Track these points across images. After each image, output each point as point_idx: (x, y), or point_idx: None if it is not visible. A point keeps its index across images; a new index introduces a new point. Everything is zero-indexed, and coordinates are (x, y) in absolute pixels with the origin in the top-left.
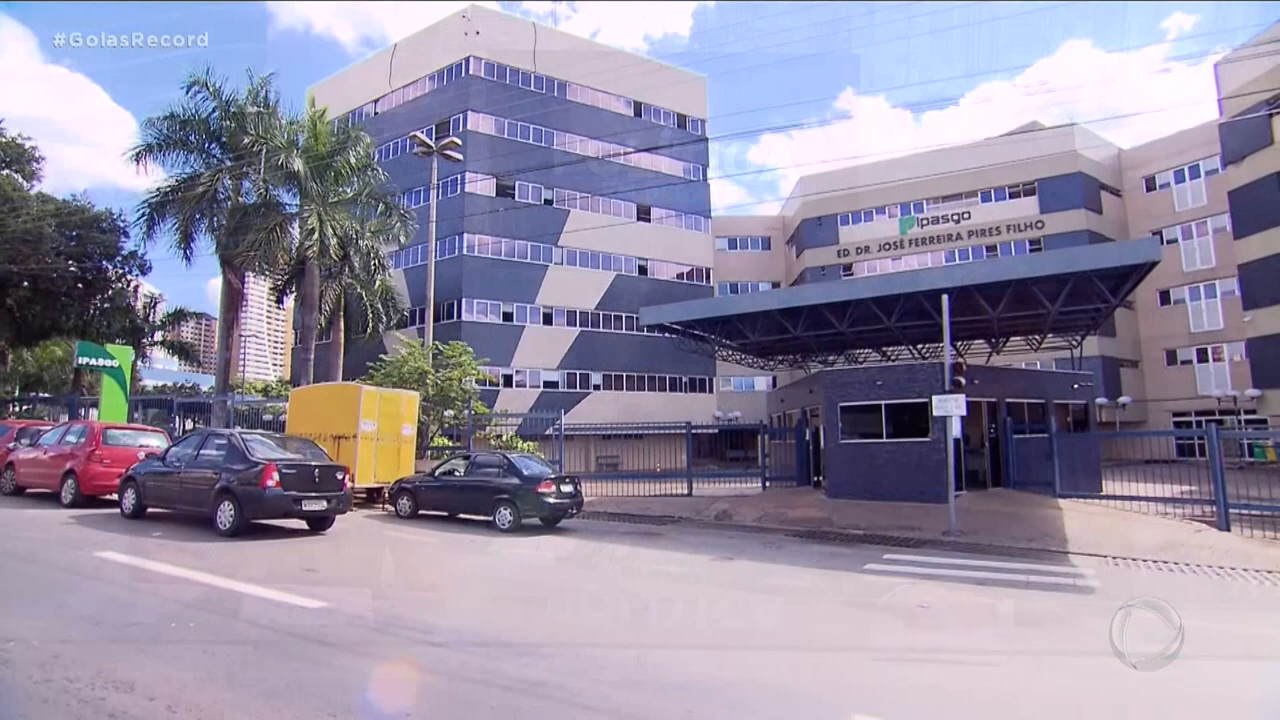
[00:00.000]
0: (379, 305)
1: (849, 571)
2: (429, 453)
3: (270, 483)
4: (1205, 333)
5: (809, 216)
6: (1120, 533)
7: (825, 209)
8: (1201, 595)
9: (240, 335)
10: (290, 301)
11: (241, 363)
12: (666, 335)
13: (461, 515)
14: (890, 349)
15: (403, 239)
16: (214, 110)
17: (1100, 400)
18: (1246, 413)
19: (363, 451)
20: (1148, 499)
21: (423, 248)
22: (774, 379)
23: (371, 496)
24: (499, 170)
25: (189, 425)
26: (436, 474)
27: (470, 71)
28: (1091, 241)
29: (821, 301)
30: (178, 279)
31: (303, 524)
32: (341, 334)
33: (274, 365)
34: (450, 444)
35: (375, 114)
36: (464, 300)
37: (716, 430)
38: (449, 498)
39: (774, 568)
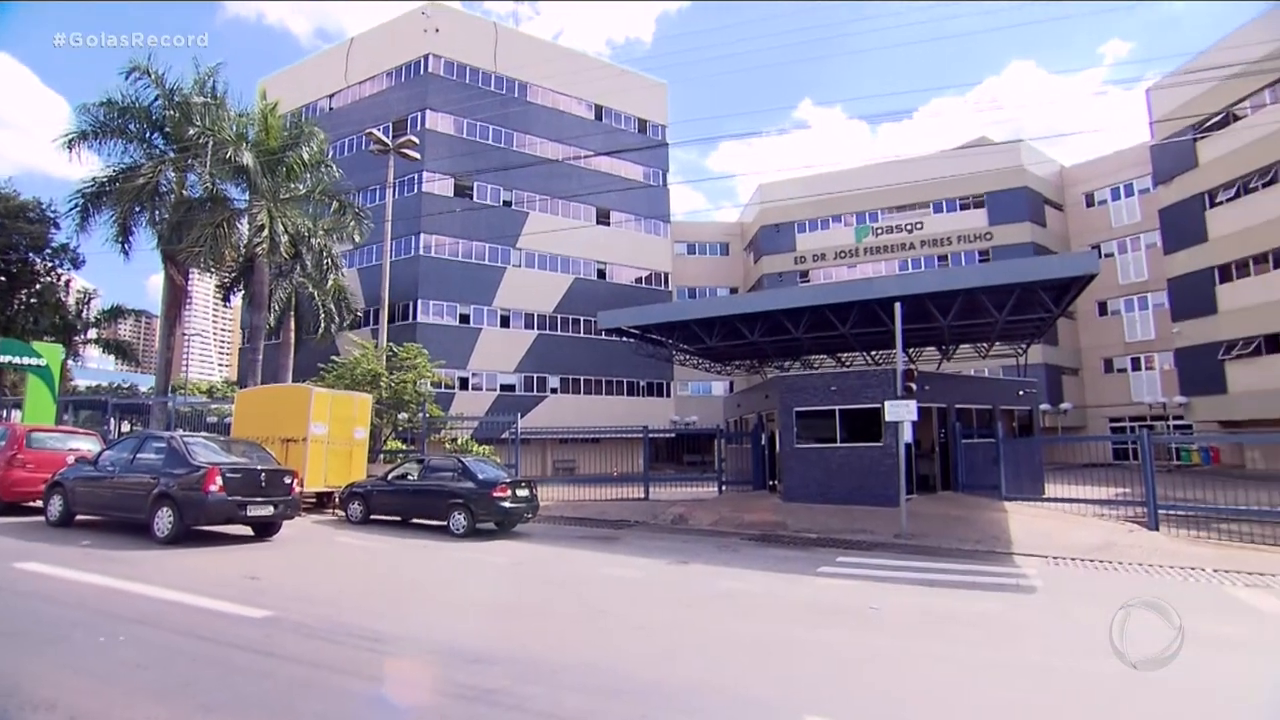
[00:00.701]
0: (331, 305)
1: (802, 574)
2: (382, 456)
3: (213, 487)
4: (1139, 342)
5: (767, 223)
6: (1060, 534)
7: (783, 216)
8: (1132, 593)
9: (184, 334)
10: (238, 300)
11: (185, 363)
12: (624, 339)
13: (415, 520)
14: (845, 355)
15: (357, 238)
16: (156, 98)
17: (1044, 406)
18: (1175, 418)
19: (313, 455)
20: (1086, 501)
21: (378, 247)
22: (731, 384)
23: (322, 501)
24: (458, 170)
25: (126, 428)
26: (389, 478)
27: (429, 69)
28: (1036, 253)
29: (778, 307)
30: (115, 274)
31: (248, 530)
32: (292, 334)
33: (220, 366)
34: (404, 447)
35: (330, 109)
36: (420, 301)
37: (674, 434)
38: (402, 502)
39: (729, 571)
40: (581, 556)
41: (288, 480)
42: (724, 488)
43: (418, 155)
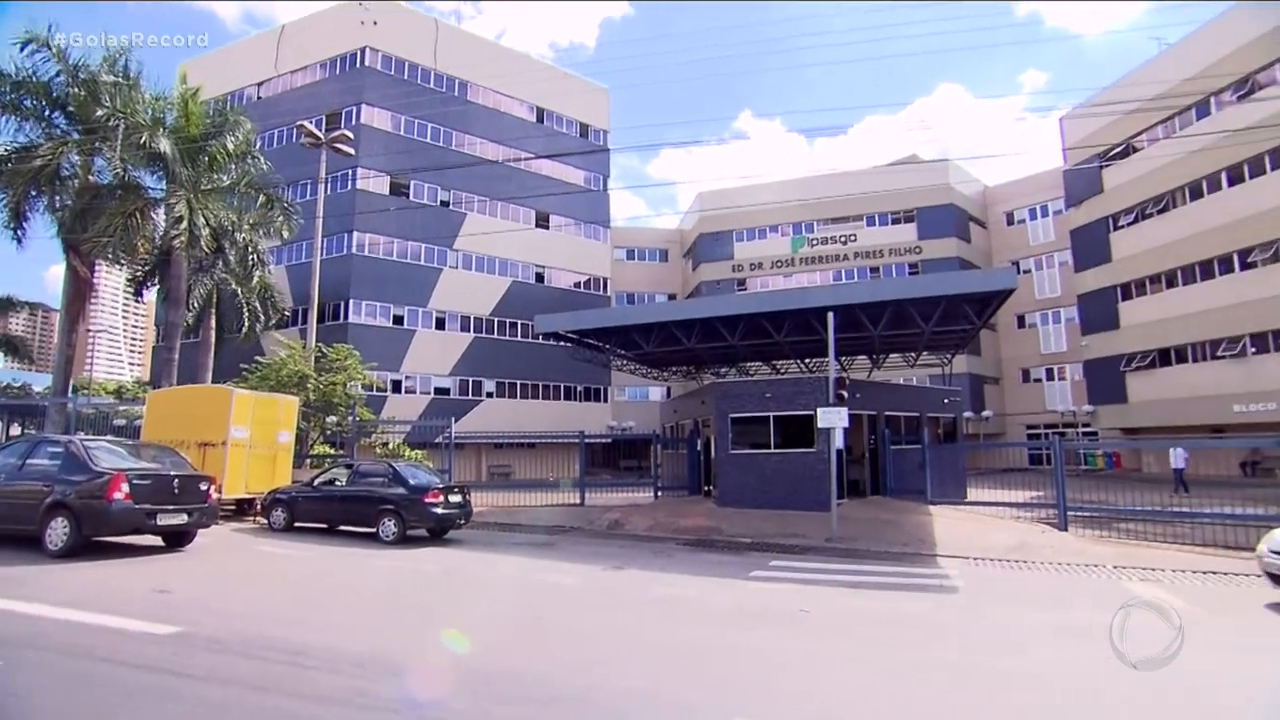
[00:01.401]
0: (257, 303)
1: (736, 579)
2: (309, 461)
3: (118, 495)
4: (1052, 354)
5: (706, 231)
6: (980, 536)
7: (722, 225)
8: (1041, 590)
9: (88, 330)
10: (152, 295)
11: (89, 361)
12: (562, 344)
13: (342, 527)
14: (780, 363)
15: (286, 234)
16: (58, 74)
17: (967, 414)
18: (1083, 426)
19: (233, 460)
20: (1004, 504)
21: (308, 244)
22: (668, 389)
23: (242, 508)
24: (394, 167)
25: (17, 431)
26: (316, 484)
27: (365, 63)
28: (962, 268)
29: (715, 315)
30: (7, 265)
31: (159, 541)
32: (212, 333)
33: (131, 365)
34: (332, 452)
35: (259, 98)
36: (352, 301)
37: (610, 440)
38: (329, 509)
39: (663, 577)
40: (515, 563)
41: (204, 486)
42: (660, 493)
43: (352, 151)
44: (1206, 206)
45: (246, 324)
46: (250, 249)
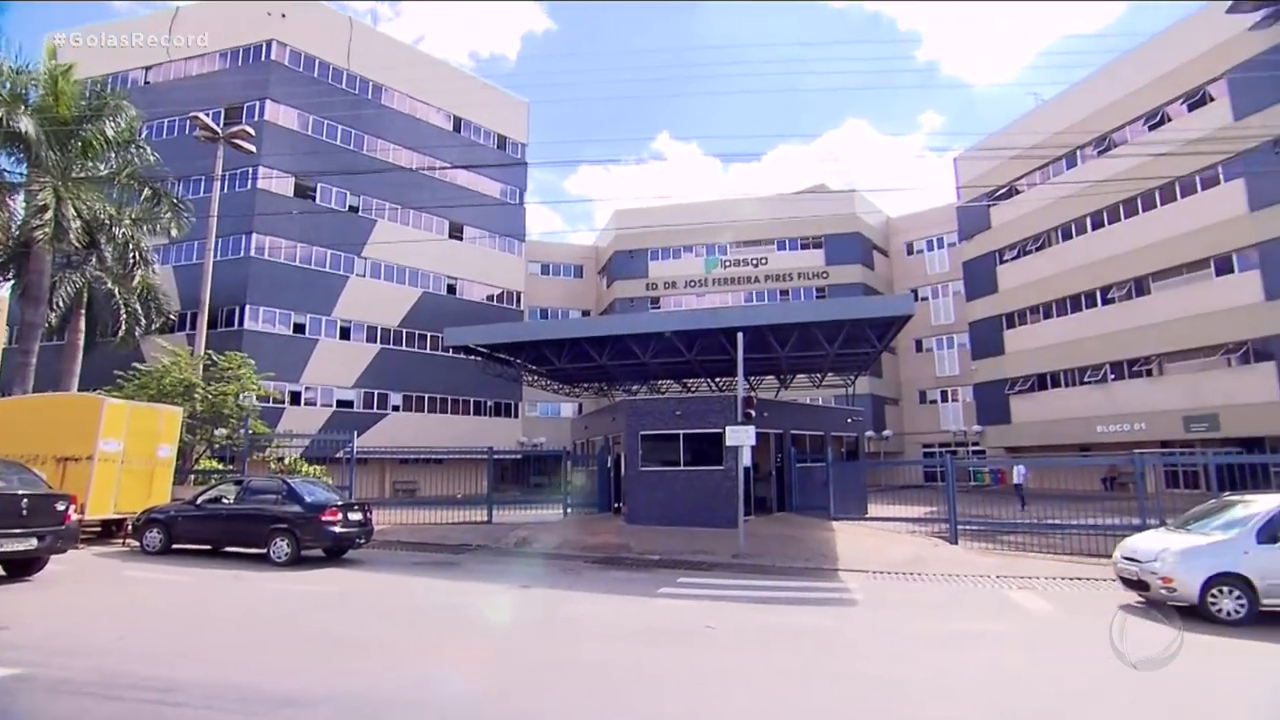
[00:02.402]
0: (137, 305)
1: (643, 596)
2: (193, 478)
3: None
4: (947, 377)
5: (621, 249)
6: (879, 550)
7: (637, 243)
8: (933, 601)
9: None
10: (5, 291)
11: None
12: (473, 357)
13: (229, 549)
14: (691, 381)
15: (174, 231)
16: None
17: (869, 433)
18: (973, 444)
19: (101, 476)
20: (902, 519)
21: (201, 244)
22: (580, 406)
23: (110, 530)
24: (300, 169)
25: None
26: (199, 502)
27: (272, 56)
28: (865, 294)
29: (628, 332)
30: None
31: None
32: (81, 335)
33: None
34: (221, 467)
35: (146, 83)
36: (248, 307)
37: (520, 456)
38: (214, 528)
39: (570, 595)
40: (418, 584)
41: (60, 506)
42: (569, 510)
43: (253, 148)
44: (1075, 247)
45: (124, 327)
46: (131, 246)
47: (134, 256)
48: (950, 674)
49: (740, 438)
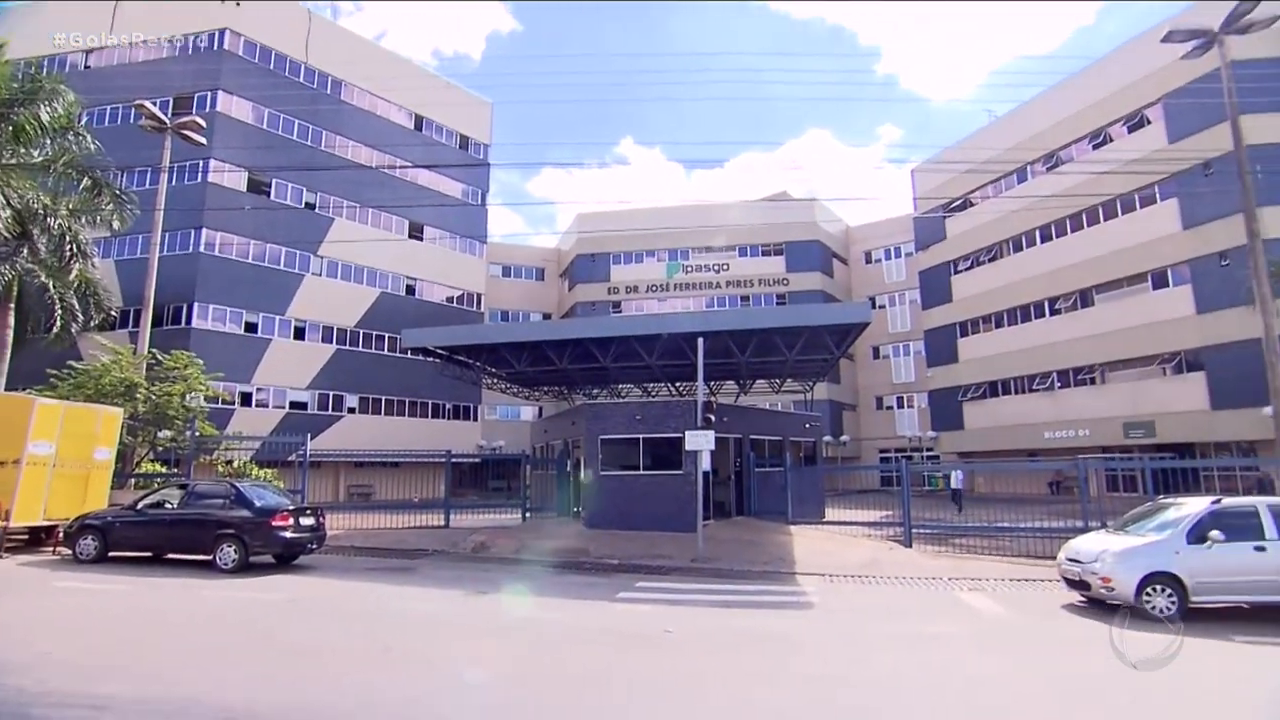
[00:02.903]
0: (74, 300)
1: (602, 600)
2: (133, 482)
3: None
4: (903, 384)
5: (583, 253)
6: (836, 554)
7: (599, 247)
8: (886, 603)
9: None
10: None
11: None
12: (430, 359)
13: (172, 556)
14: (651, 386)
15: (116, 224)
16: None
17: (826, 438)
18: (927, 449)
19: (30, 480)
20: (858, 523)
21: (145, 238)
22: (540, 409)
23: (39, 538)
24: (253, 163)
25: None
26: (139, 507)
27: (225, 46)
28: (825, 301)
29: (589, 336)
30: None
31: None
32: (10, 332)
33: None
34: (164, 471)
35: (87, 68)
36: (197, 304)
37: (479, 460)
38: (156, 535)
39: (528, 600)
40: (371, 589)
41: None
42: (529, 514)
43: (203, 140)
44: (1025, 259)
45: (59, 323)
46: (68, 238)
47: (71, 249)
48: (906, 676)
49: (700, 442)
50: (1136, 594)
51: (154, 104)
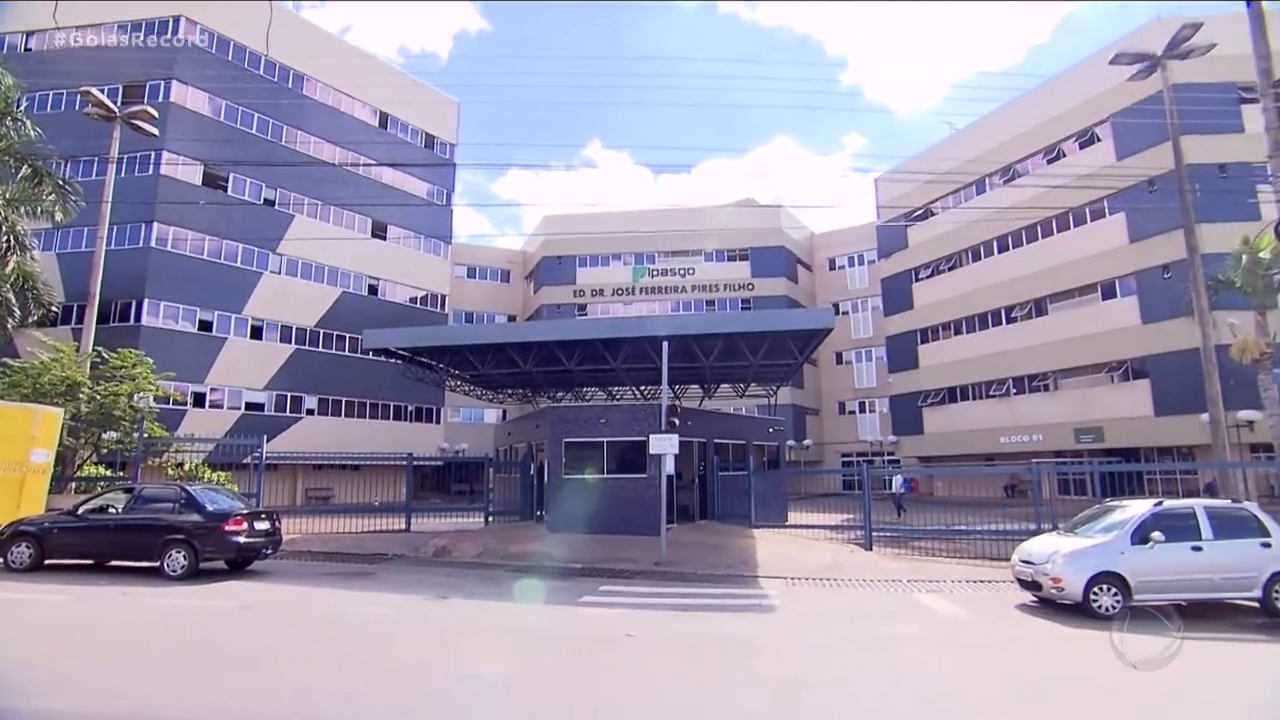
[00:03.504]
0: (10, 294)
1: (565, 605)
2: (74, 485)
3: None
4: (865, 389)
5: (549, 255)
6: (799, 557)
7: (565, 249)
8: (847, 606)
9: None
10: None
11: None
12: (393, 361)
13: (115, 563)
14: (616, 389)
15: (59, 216)
16: None
17: (790, 442)
18: (888, 454)
19: None
20: (821, 527)
21: (92, 231)
22: (504, 412)
23: None
24: (210, 156)
25: None
26: (80, 512)
27: (180, 34)
28: (789, 306)
29: (554, 339)
30: None
31: None
32: None
33: None
34: (110, 474)
35: (27, 50)
36: (148, 301)
37: (442, 463)
38: (98, 541)
39: (490, 605)
40: (328, 595)
41: None
42: (491, 518)
43: (155, 131)
44: (983, 268)
45: None
46: (5, 229)
47: (7, 240)
48: (865, 677)
49: (664, 446)
50: (1084, 593)
51: (102, 91)
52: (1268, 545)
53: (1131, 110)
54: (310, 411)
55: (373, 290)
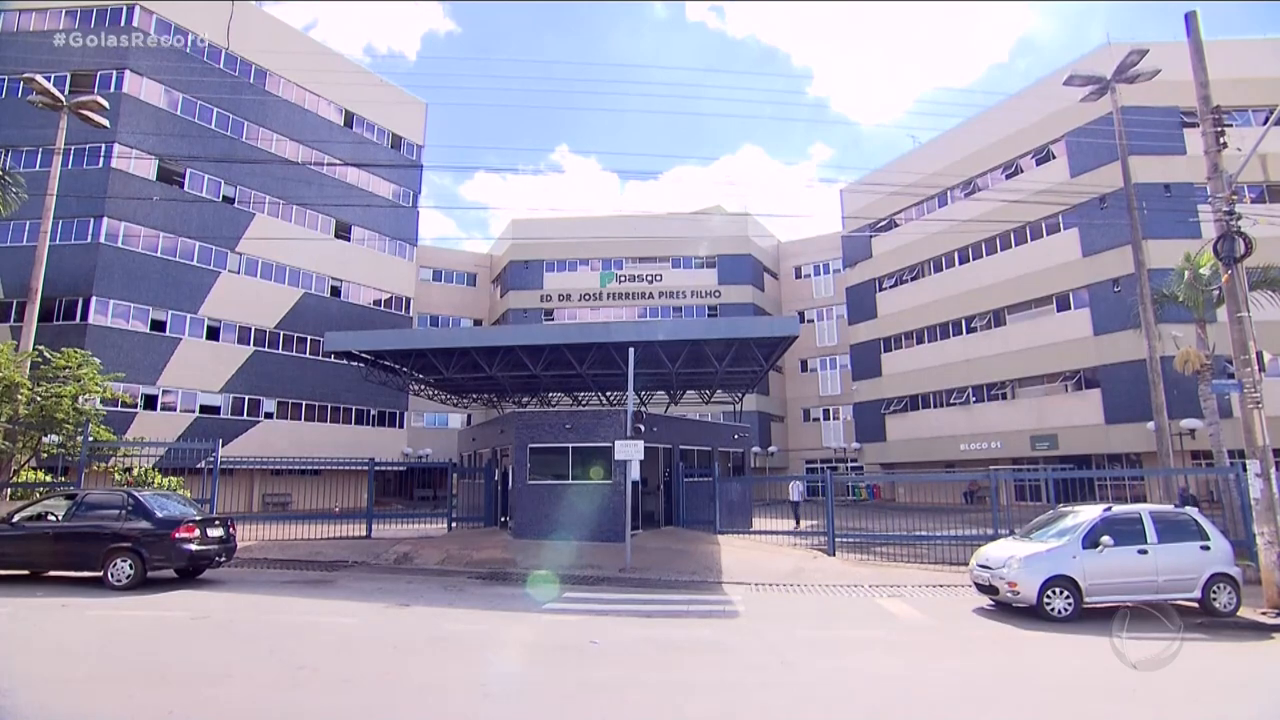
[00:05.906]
0: None
1: (528, 612)
2: (10, 492)
3: None
4: (829, 396)
5: (517, 259)
6: (763, 563)
7: (533, 254)
8: (811, 611)
9: None
10: None
11: None
12: (355, 364)
13: (55, 573)
14: (582, 395)
15: (0, 209)
16: None
17: (755, 449)
18: (852, 460)
19: None
20: (785, 533)
21: (35, 224)
22: (469, 417)
23: None
24: (165, 151)
25: None
26: (16, 520)
27: (135, 22)
28: (756, 314)
29: (520, 343)
30: None
31: None
32: None
33: None
34: (50, 480)
35: None
36: (96, 299)
37: (405, 468)
38: (35, 550)
39: (452, 613)
40: (285, 604)
41: None
42: (454, 524)
43: (106, 122)
44: (945, 279)
45: None
46: None
47: None
48: (831, 680)
49: (629, 452)
50: (1039, 597)
51: (49, 80)
52: (1207, 548)
53: (1084, 130)
54: (269, 415)
55: (335, 292)
